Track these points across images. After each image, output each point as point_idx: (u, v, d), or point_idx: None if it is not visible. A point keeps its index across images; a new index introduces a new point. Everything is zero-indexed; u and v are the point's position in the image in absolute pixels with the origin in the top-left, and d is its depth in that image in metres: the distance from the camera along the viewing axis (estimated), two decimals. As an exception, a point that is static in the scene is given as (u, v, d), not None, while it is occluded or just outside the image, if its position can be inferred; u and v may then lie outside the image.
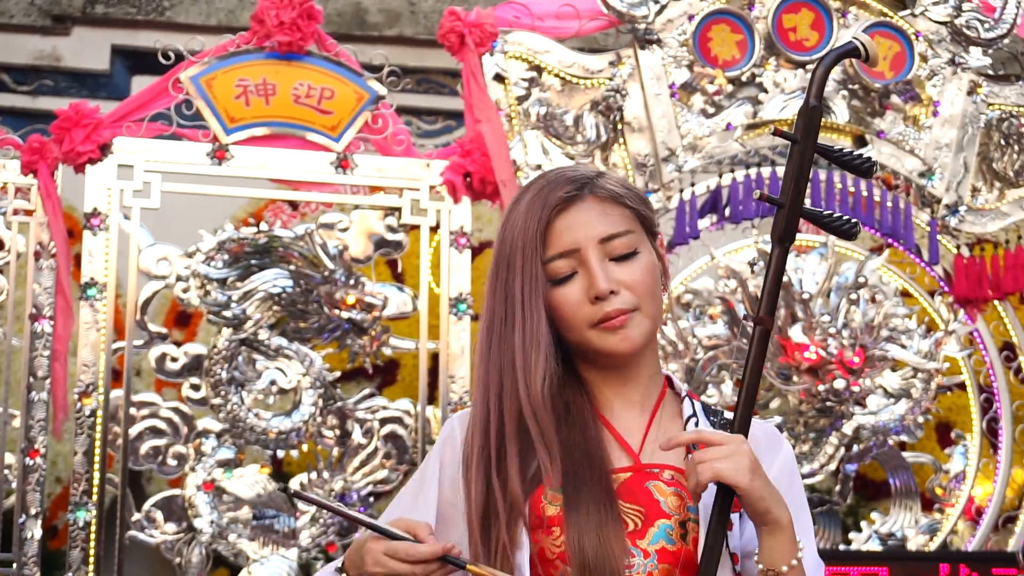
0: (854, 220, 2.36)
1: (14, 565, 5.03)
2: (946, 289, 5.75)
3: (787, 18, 5.30)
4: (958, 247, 5.57)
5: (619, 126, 5.26)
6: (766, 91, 5.30)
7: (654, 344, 2.37)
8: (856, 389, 5.53)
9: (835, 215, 2.34)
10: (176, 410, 5.14)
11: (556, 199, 2.27)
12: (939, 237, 5.44)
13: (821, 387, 5.49)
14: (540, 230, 2.27)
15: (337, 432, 5.16)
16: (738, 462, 2.10)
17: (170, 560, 5.05)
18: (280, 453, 5.29)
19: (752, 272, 5.39)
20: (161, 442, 5.09)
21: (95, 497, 4.98)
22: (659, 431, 2.29)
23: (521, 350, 2.28)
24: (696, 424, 2.32)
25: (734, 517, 2.22)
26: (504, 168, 5.14)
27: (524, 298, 2.28)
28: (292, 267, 5.15)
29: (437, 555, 2.10)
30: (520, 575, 2.20)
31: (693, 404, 2.37)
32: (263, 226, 5.28)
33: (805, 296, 5.50)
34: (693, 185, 5.33)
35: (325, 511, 5.05)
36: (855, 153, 2.32)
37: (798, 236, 6.18)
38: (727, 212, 5.37)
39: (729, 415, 2.34)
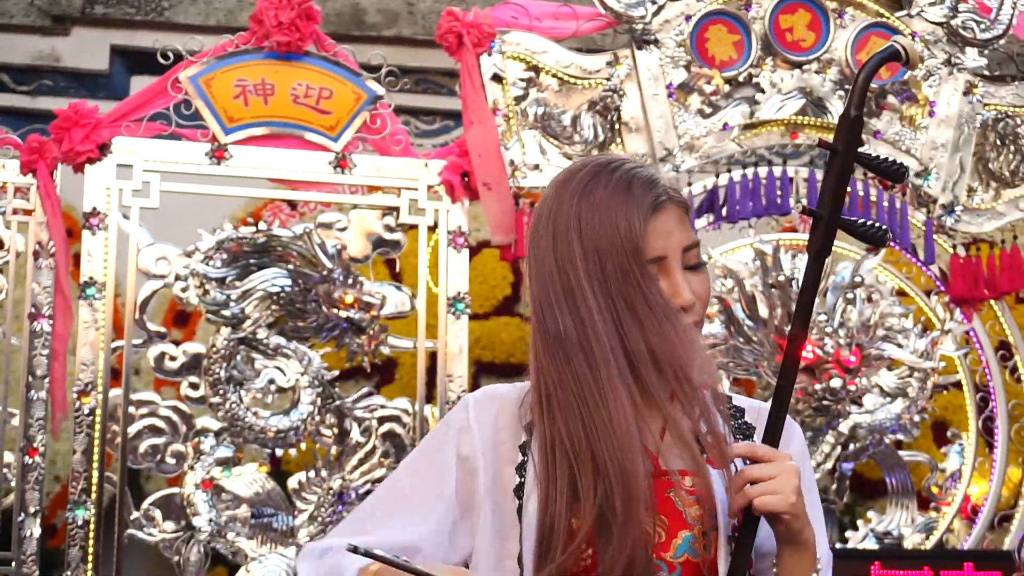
0: (884, 227, 2.33)
1: (13, 564, 5.04)
2: (942, 288, 5.78)
3: (784, 18, 5.31)
4: (954, 247, 5.59)
5: (616, 126, 5.26)
6: (763, 91, 5.29)
7: None
8: (852, 388, 5.55)
9: (867, 223, 2.30)
10: (175, 409, 5.14)
11: (649, 203, 2.20)
12: (935, 237, 5.45)
13: (818, 386, 5.51)
14: (642, 233, 2.18)
15: (335, 431, 5.16)
16: (785, 487, 2.08)
17: (169, 559, 5.05)
18: (279, 452, 5.29)
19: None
20: (160, 441, 5.09)
21: (94, 495, 4.97)
22: (673, 430, 2.21)
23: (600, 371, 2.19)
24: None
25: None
26: (491, 171, 5.15)
27: (617, 284, 2.19)
28: (291, 266, 5.16)
29: None
30: None
31: (705, 392, 2.28)
32: (262, 225, 5.29)
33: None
34: (690, 185, 5.32)
35: (323, 510, 5.06)
36: (889, 160, 2.28)
37: (794, 236, 6.19)
38: (724, 212, 5.37)
39: (738, 401, 2.33)
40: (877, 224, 2.33)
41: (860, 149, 2.23)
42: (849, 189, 5.30)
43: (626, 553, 2.10)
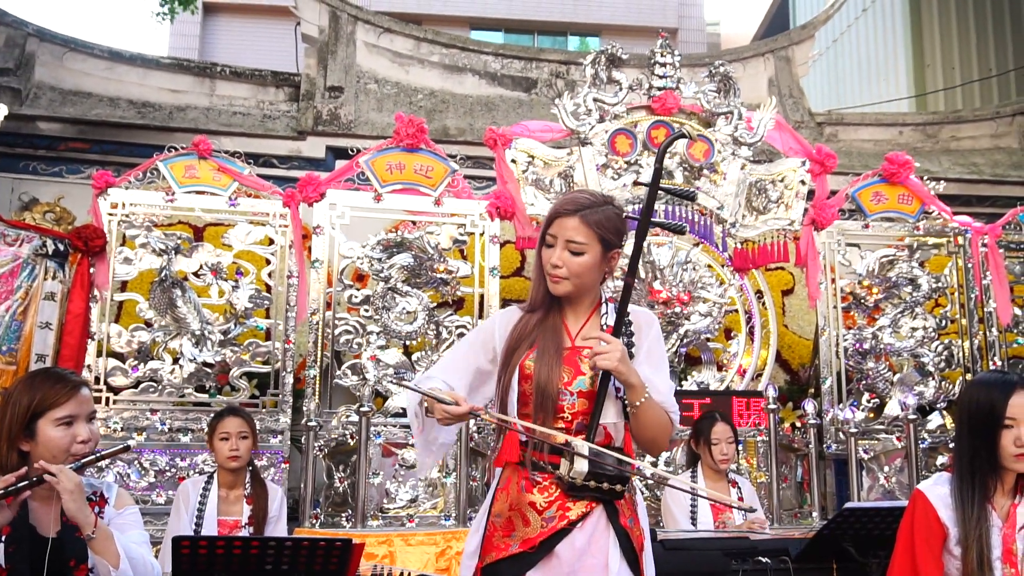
0: (683, 224, 2.37)
1: (279, 395, 5.07)
2: (730, 263, 5.79)
3: (653, 132, 5.26)
4: (736, 243, 5.59)
5: (571, 184, 5.26)
6: (642, 167, 5.28)
7: (588, 290, 2.21)
8: (686, 312, 5.57)
9: (671, 222, 2.36)
10: (357, 322, 5.12)
11: (561, 210, 2.16)
12: (727, 238, 5.46)
13: (669, 311, 5.54)
14: (548, 220, 2.18)
15: (435, 332, 5.22)
16: (612, 357, 2.03)
17: (354, 393, 5.11)
18: (407, 343, 5.28)
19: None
20: (350, 336, 5.07)
21: (318, 363, 5.01)
22: (587, 329, 2.20)
23: (536, 276, 2.23)
24: (606, 317, 2.21)
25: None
26: (511, 207, 5.19)
27: (539, 249, 2.22)
28: (413, 252, 5.13)
29: (466, 412, 2.01)
30: (511, 407, 2.12)
31: (608, 306, 2.23)
32: (399, 232, 5.33)
33: (661, 267, 5.56)
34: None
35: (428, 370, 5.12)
36: (682, 190, 2.32)
37: (658, 239, 6.07)
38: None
39: (631, 308, 2.23)
40: (678, 223, 2.37)
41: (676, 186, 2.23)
42: (687, 215, 5.33)
43: (544, 379, 2.09)
